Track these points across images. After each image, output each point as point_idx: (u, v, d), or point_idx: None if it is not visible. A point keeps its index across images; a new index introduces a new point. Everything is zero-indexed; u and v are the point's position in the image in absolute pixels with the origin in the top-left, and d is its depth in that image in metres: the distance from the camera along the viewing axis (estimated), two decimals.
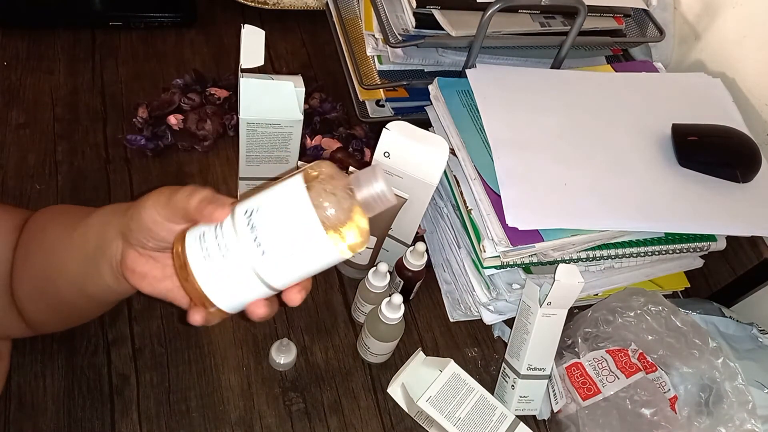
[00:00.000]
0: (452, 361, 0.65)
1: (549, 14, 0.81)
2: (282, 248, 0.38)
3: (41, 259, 0.54)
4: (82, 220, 0.51)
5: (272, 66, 0.97)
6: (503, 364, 0.70)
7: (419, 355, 0.69)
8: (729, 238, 0.74)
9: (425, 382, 0.64)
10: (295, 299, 0.43)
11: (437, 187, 0.70)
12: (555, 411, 0.68)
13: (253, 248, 0.38)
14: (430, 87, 0.78)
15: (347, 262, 0.74)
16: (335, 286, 0.76)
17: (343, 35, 0.92)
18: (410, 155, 0.65)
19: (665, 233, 0.71)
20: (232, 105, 0.88)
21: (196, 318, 0.43)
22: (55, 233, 0.54)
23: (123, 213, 0.47)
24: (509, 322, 0.74)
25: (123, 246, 0.47)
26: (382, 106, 0.90)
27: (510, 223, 0.64)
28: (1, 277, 0.55)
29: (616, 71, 0.83)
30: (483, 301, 0.71)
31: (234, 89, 0.89)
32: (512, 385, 0.68)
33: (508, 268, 0.69)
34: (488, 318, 0.72)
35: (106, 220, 0.49)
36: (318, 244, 0.38)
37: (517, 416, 0.64)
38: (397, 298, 0.63)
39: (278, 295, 0.44)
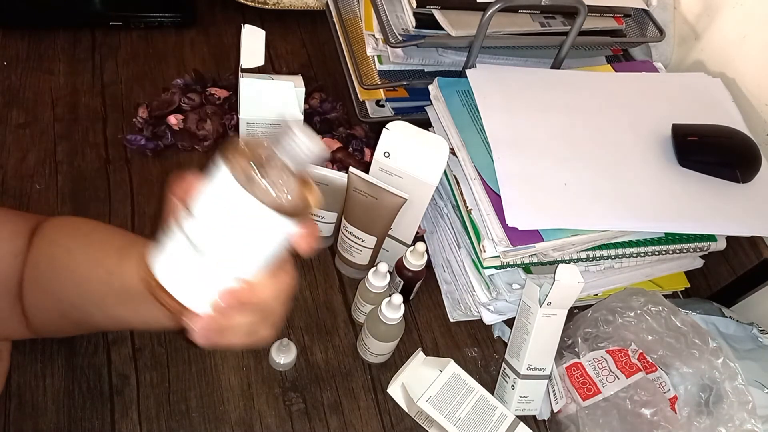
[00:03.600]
0: (452, 361, 0.65)
1: (549, 14, 0.80)
2: (215, 221, 0.37)
3: (70, 288, 0.52)
4: (117, 260, 0.49)
5: (272, 66, 0.97)
6: (503, 364, 0.70)
7: (419, 355, 0.69)
8: (729, 238, 0.74)
9: (425, 382, 0.64)
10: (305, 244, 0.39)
11: (437, 187, 0.70)
12: (555, 411, 0.68)
13: (185, 219, 0.37)
14: (430, 87, 0.78)
15: (347, 262, 0.75)
16: (335, 286, 0.76)
17: (343, 35, 0.92)
18: (410, 155, 0.65)
19: (665, 233, 0.71)
20: (232, 105, 0.88)
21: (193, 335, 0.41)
22: (86, 266, 0.52)
23: None
24: (509, 322, 0.74)
25: None
26: (382, 106, 0.90)
27: (510, 223, 0.64)
28: (4, 282, 0.55)
29: (616, 71, 0.83)
30: (483, 301, 0.71)
31: (234, 89, 0.89)
32: (512, 385, 0.68)
33: (508, 268, 0.69)
34: (488, 318, 0.72)
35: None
36: (257, 218, 0.35)
37: (517, 416, 0.64)
38: (397, 298, 0.63)
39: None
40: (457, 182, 0.72)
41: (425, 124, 0.73)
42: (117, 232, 0.56)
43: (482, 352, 0.75)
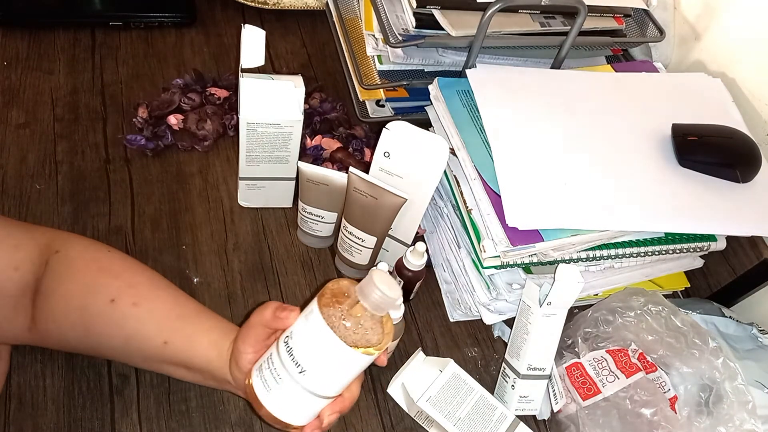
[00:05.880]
0: (452, 361, 0.65)
1: (549, 14, 0.81)
2: (319, 367, 0.45)
3: (117, 339, 0.57)
4: (180, 334, 0.56)
5: (272, 66, 0.97)
6: (503, 364, 0.70)
7: (419, 355, 0.69)
8: (729, 238, 0.74)
9: (425, 382, 0.64)
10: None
11: (437, 187, 0.70)
12: (555, 411, 0.68)
13: (296, 372, 0.45)
14: (430, 87, 0.78)
15: (347, 262, 0.75)
16: None
17: (343, 35, 0.92)
18: (410, 155, 0.65)
19: (665, 233, 0.71)
20: (232, 105, 0.88)
21: None
22: (141, 327, 0.56)
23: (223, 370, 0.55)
24: (509, 322, 0.74)
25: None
26: (382, 106, 0.90)
27: (510, 223, 0.64)
28: (11, 291, 0.55)
29: (616, 71, 0.83)
30: (483, 301, 0.71)
31: (234, 89, 0.89)
32: (512, 385, 0.68)
33: (508, 268, 0.69)
34: (488, 318, 0.72)
35: (210, 374, 0.56)
36: (346, 358, 0.44)
37: (517, 416, 0.64)
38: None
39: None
40: (457, 182, 0.72)
41: (425, 124, 0.73)
42: (172, 294, 0.59)
43: (482, 352, 0.75)
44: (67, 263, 0.57)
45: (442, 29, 0.75)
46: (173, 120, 0.84)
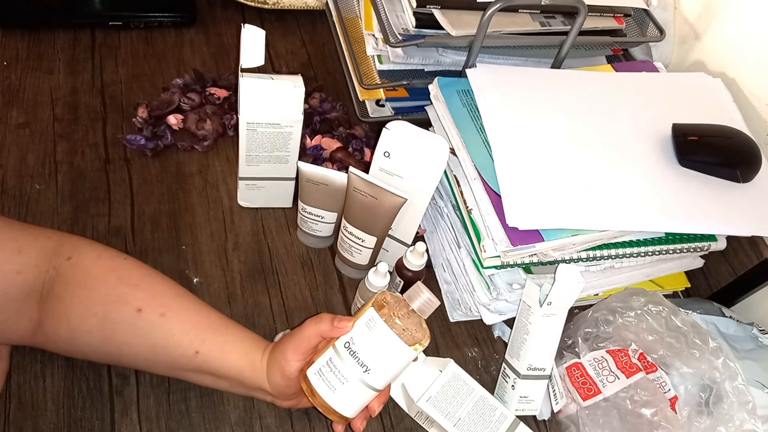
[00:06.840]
0: (452, 361, 0.65)
1: (549, 14, 0.81)
2: (382, 365, 0.54)
3: (142, 347, 0.57)
4: (214, 345, 0.57)
5: (272, 66, 0.97)
6: (503, 364, 0.70)
7: (419, 355, 0.69)
8: (729, 238, 0.74)
9: (425, 382, 0.64)
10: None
11: (437, 187, 0.70)
12: (555, 411, 0.68)
13: (361, 372, 0.54)
14: (430, 87, 0.78)
15: (347, 262, 0.75)
16: (335, 286, 0.76)
17: (343, 35, 0.92)
18: (410, 155, 0.65)
19: (665, 233, 0.71)
20: (232, 105, 0.88)
21: (339, 428, 0.59)
22: (165, 337, 0.57)
23: (260, 376, 0.57)
24: (509, 322, 0.73)
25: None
26: (382, 105, 0.90)
27: (510, 223, 0.64)
28: (4, 295, 0.55)
29: (617, 71, 0.83)
30: (483, 301, 0.71)
31: (234, 89, 0.89)
32: (512, 385, 0.68)
33: (509, 268, 0.69)
34: (488, 318, 0.72)
35: (239, 382, 0.58)
36: (404, 354, 0.54)
37: (517, 416, 0.64)
38: None
39: None
40: (457, 182, 0.72)
41: (425, 124, 0.73)
42: (195, 303, 0.60)
43: (482, 352, 0.75)
44: (83, 271, 0.57)
45: (442, 29, 0.75)
46: (173, 120, 0.84)
